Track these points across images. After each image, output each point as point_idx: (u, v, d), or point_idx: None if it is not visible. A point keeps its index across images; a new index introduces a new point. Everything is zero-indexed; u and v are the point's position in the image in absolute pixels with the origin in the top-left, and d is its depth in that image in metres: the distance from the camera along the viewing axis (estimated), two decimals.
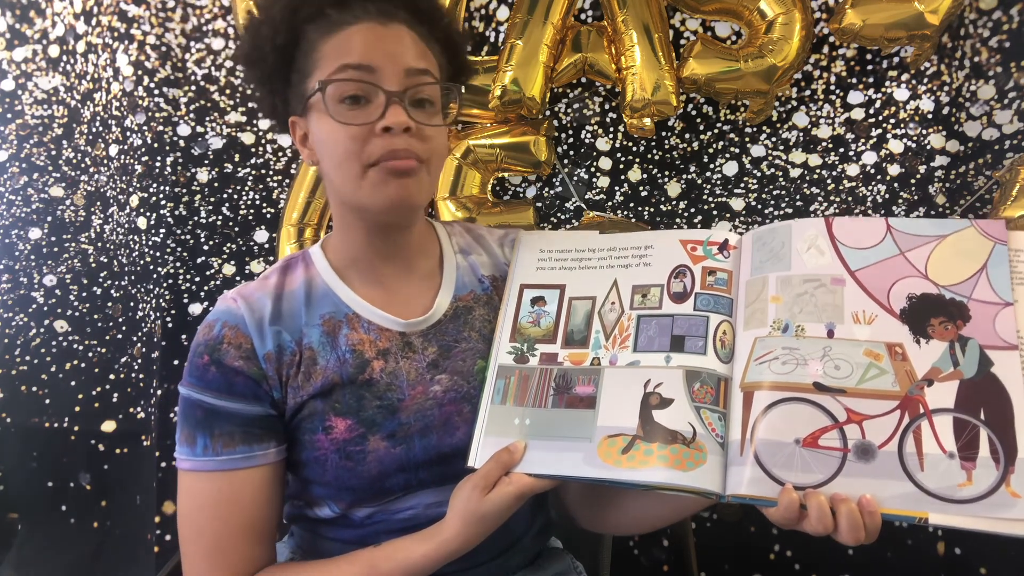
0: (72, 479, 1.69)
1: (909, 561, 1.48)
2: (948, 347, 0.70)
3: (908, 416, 0.68)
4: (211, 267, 1.60)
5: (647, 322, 0.82)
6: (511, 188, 1.60)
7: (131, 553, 1.66)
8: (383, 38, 0.79)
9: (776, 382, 0.72)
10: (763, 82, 1.42)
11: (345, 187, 0.81)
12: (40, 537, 1.70)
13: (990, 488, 0.65)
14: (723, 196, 1.55)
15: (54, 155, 1.69)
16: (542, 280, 0.89)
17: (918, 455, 0.67)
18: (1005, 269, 0.71)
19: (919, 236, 0.75)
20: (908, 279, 0.73)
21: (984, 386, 0.68)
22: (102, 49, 1.60)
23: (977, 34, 1.46)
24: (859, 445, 0.68)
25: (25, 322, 1.69)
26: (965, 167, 1.48)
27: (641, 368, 0.79)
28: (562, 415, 0.79)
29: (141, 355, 1.67)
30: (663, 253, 0.86)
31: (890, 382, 0.70)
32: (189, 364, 0.82)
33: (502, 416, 0.81)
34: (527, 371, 0.83)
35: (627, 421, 0.76)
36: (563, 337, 0.84)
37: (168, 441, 1.58)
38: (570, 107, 1.57)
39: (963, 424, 0.67)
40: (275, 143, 1.60)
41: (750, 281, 0.80)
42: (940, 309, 0.71)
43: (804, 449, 0.69)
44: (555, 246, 0.91)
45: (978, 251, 0.73)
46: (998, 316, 0.70)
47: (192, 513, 0.80)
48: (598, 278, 0.87)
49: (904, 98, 1.48)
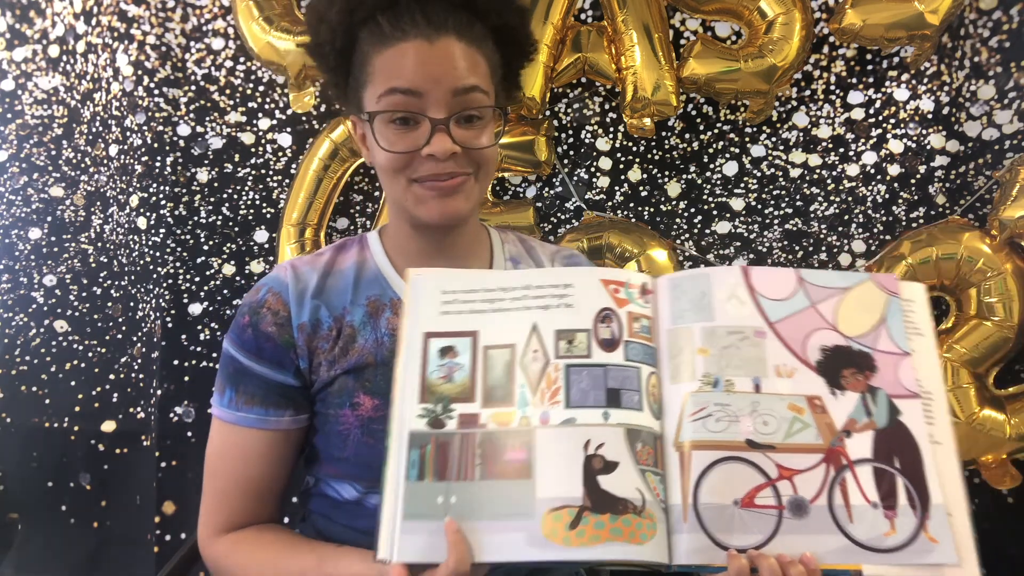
0: (72, 479, 1.69)
1: None
2: (861, 398, 0.71)
3: (833, 468, 0.69)
4: (211, 267, 1.60)
5: (577, 373, 0.73)
6: (511, 188, 1.60)
7: (131, 553, 1.66)
8: (430, 59, 0.80)
9: (713, 441, 0.70)
10: (763, 82, 1.42)
11: (395, 195, 0.86)
12: (40, 537, 1.70)
13: (911, 535, 0.66)
14: (723, 196, 1.55)
15: (54, 155, 1.69)
16: (449, 327, 0.75)
17: (846, 507, 0.68)
18: (900, 320, 0.74)
19: (826, 288, 0.75)
20: (821, 331, 0.74)
21: (895, 435, 0.70)
22: (102, 49, 1.60)
23: (977, 34, 1.46)
24: (792, 501, 0.68)
25: (25, 322, 1.69)
26: (965, 167, 1.48)
27: (578, 427, 0.71)
28: (494, 488, 0.69)
29: (141, 355, 1.67)
30: (585, 293, 0.77)
31: (813, 435, 0.70)
32: (234, 321, 0.88)
33: (422, 495, 0.68)
34: (445, 437, 0.71)
35: (570, 490, 0.68)
36: (482, 394, 0.73)
37: (168, 441, 1.58)
38: (570, 107, 1.57)
39: (882, 473, 0.69)
40: (275, 143, 1.60)
41: (673, 330, 0.76)
42: (850, 360, 0.73)
43: (743, 510, 0.68)
44: (459, 285, 0.78)
45: (876, 303, 0.75)
46: (899, 366, 0.72)
47: (211, 455, 0.88)
48: (515, 322, 0.76)
49: (904, 98, 1.48)
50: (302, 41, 1.58)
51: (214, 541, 0.86)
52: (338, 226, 1.61)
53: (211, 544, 0.87)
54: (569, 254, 1.03)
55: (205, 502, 0.88)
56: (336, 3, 0.84)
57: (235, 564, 0.84)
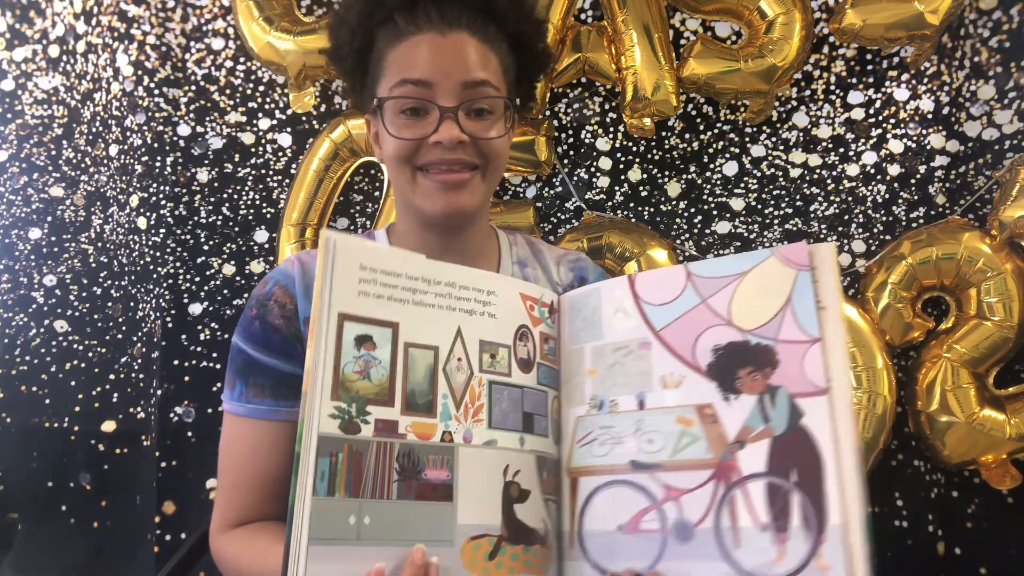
0: (72, 479, 1.69)
1: (909, 561, 1.48)
2: (757, 401, 0.62)
3: (724, 486, 0.61)
4: (211, 267, 1.60)
5: (499, 392, 0.67)
6: (511, 188, 1.60)
7: (131, 553, 1.66)
8: (442, 51, 0.81)
9: (597, 466, 0.66)
10: (763, 82, 1.42)
11: (401, 188, 0.86)
12: (40, 537, 1.69)
13: (801, 562, 0.58)
14: (723, 196, 1.55)
15: (54, 155, 1.69)
16: (368, 311, 0.64)
17: (733, 530, 0.60)
18: (810, 299, 0.62)
19: (720, 278, 0.66)
20: (713, 329, 0.65)
21: (795, 443, 0.60)
22: (102, 49, 1.60)
23: (977, 34, 1.46)
24: (676, 524, 0.62)
25: (25, 322, 1.69)
26: (965, 167, 1.48)
27: (499, 450, 0.66)
28: (412, 510, 0.61)
29: (141, 355, 1.67)
30: (507, 306, 0.71)
31: (703, 449, 0.63)
32: (242, 314, 0.88)
33: (331, 513, 0.58)
34: (359, 445, 0.60)
35: (490, 517, 0.63)
36: (402, 399, 0.63)
37: (168, 441, 1.58)
38: (570, 107, 1.57)
39: (776, 489, 0.60)
40: (275, 143, 1.60)
41: (569, 352, 0.72)
42: (746, 358, 0.63)
43: (627, 535, 0.63)
44: (380, 264, 0.66)
45: (782, 284, 0.63)
46: (806, 356, 0.61)
47: (223, 450, 0.88)
48: (438, 321, 0.67)
49: (904, 98, 1.48)
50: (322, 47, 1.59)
51: (220, 536, 0.86)
52: (338, 226, 1.61)
53: (216, 539, 0.87)
54: (576, 257, 1.03)
55: (217, 498, 0.88)
56: (356, 5, 0.86)
57: (231, 556, 0.84)
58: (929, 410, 1.40)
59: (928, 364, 1.42)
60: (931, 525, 1.47)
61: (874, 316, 1.43)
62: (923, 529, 1.47)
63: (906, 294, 1.42)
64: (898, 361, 1.47)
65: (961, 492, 1.48)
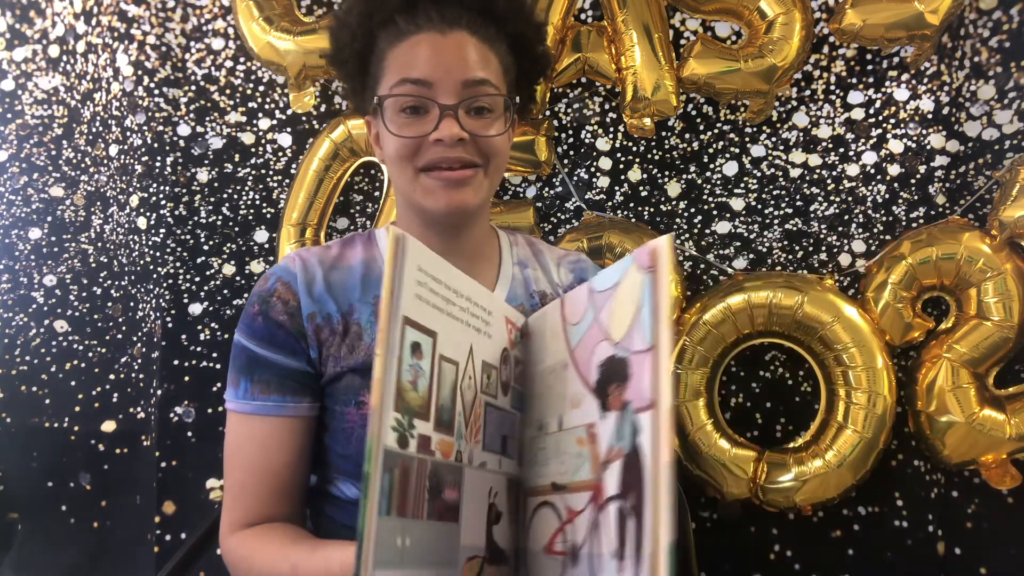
0: (72, 479, 1.69)
1: (909, 561, 1.48)
2: (617, 418, 0.57)
3: (595, 508, 0.58)
4: (211, 267, 1.60)
5: (491, 414, 0.66)
6: (511, 188, 1.60)
7: (131, 553, 1.66)
8: (442, 50, 0.82)
9: (534, 487, 0.67)
10: (763, 82, 1.42)
11: (403, 187, 0.86)
12: (40, 537, 1.70)
13: None
14: (723, 196, 1.55)
15: (54, 155, 1.69)
16: (420, 317, 0.59)
17: (599, 556, 0.56)
18: (649, 304, 0.55)
19: (605, 291, 0.62)
20: (600, 345, 0.61)
21: (632, 463, 0.54)
22: (102, 49, 1.60)
23: (977, 34, 1.46)
24: (571, 547, 0.59)
25: (25, 322, 1.69)
26: (965, 167, 1.48)
27: (487, 472, 0.65)
28: (433, 531, 0.58)
29: (141, 355, 1.67)
30: (497, 328, 0.69)
31: (589, 470, 0.59)
32: (244, 311, 0.88)
33: (388, 534, 0.53)
34: (407, 461, 0.56)
35: (478, 539, 0.63)
36: (435, 414, 0.60)
37: (168, 441, 1.58)
38: (570, 107, 1.57)
39: (620, 513, 0.54)
40: (275, 143, 1.60)
41: (531, 375, 0.72)
42: (614, 373, 0.58)
43: (546, 556, 0.62)
44: (430, 267, 0.62)
45: (636, 290, 0.58)
46: (643, 367, 0.55)
47: (229, 449, 0.87)
48: (461, 335, 0.64)
49: (904, 98, 1.48)
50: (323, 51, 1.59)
51: (229, 537, 0.86)
52: (338, 226, 1.61)
53: (226, 539, 0.86)
54: (576, 258, 1.03)
55: (224, 499, 0.87)
56: (356, 7, 0.86)
57: (241, 558, 0.84)
58: (929, 410, 1.40)
59: (928, 364, 1.42)
60: (931, 525, 1.47)
61: (874, 316, 1.43)
62: (923, 529, 1.47)
63: (906, 294, 1.42)
64: (898, 361, 1.47)
65: (961, 492, 1.48)
